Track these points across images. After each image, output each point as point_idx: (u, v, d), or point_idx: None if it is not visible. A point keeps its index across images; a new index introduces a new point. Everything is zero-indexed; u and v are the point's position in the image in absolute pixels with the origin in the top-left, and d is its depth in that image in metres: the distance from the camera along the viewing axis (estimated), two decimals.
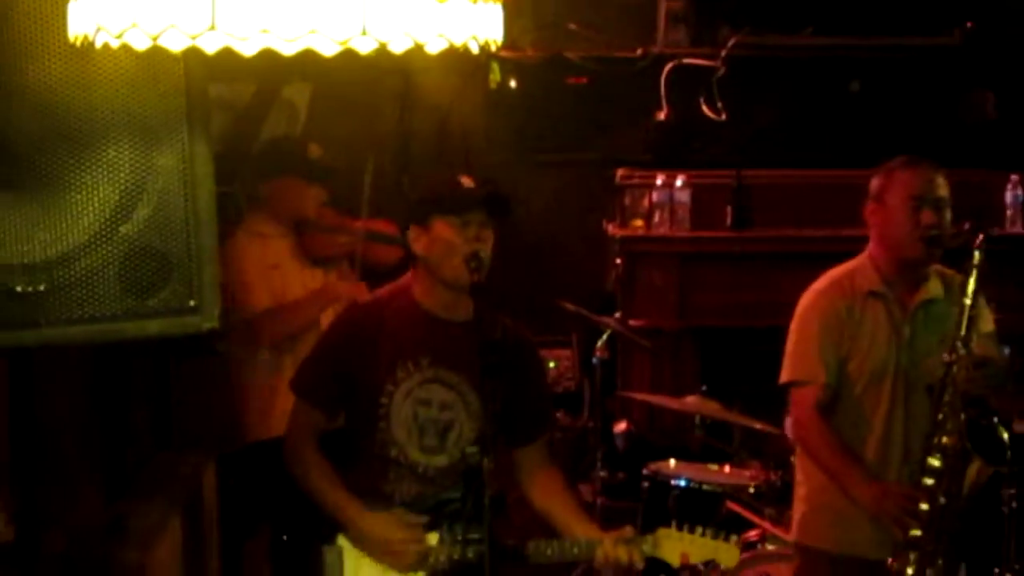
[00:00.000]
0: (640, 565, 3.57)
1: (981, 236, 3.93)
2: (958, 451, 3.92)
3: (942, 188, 4.04)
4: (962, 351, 3.90)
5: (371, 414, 3.63)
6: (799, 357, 4.10)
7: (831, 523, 4.12)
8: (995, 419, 3.98)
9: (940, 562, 3.94)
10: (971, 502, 4.00)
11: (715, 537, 3.64)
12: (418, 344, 3.65)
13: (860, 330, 4.05)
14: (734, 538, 3.70)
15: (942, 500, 3.92)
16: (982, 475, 3.98)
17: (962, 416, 3.90)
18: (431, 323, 3.67)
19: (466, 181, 3.64)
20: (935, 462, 3.92)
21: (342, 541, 3.63)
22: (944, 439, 3.92)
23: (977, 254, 3.92)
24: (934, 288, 4.10)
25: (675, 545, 3.60)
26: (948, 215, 4.02)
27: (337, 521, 3.63)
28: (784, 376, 4.15)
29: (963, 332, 3.90)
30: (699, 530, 3.61)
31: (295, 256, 5.15)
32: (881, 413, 4.05)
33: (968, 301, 3.92)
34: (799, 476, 4.24)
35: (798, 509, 4.24)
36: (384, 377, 3.63)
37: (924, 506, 3.90)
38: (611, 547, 3.52)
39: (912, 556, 3.93)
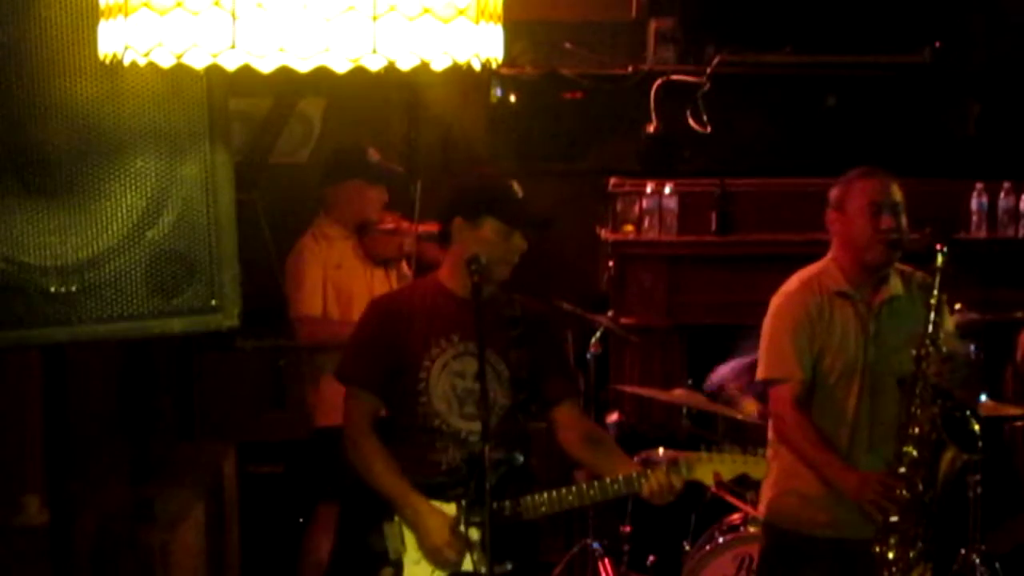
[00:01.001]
0: (679, 486, 3.59)
1: (942, 240, 3.94)
2: (932, 441, 3.91)
3: (897, 194, 4.04)
4: (931, 348, 3.90)
5: (412, 390, 3.65)
6: (775, 356, 4.08)
7: (798, 505, 4.10)
8: (967, 411, 3.98)
9: (920, 545, 3.94)
10: (947, 487, 4.01)
11: (743, 453, 3.67)
12: (447, 322, 3.68)
13: (830, 328, 4.04)
14: (761, 451, 3.71)
15: (920, 487, 3.91)
16: (956, 463, 3.99)
17: (936, 408, 3.91)
18: (457, 303, 3.70)
19: (518, 189, 3.69)
20: (911, 451, 3.91)
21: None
22: (917, 429, 3.92)
23: (940, 257, 3.93)
24: (895, 286, 4.10)
25: (706, 466, 3.63)
26: (904, 219, 4.02)
27: (392, 505, 3.63)
28: (761, 374, 4.13)
29: (931, 330, 3.91)
30: (727, 449, 3.63)
31: (357, 256, 5.21)
32: (851, 404, 4.04)
33: (934, 302, 3.93)
34: (771, 462, 4.21)
35: (766, 491, 4.23)
36: (420, 355, 3.65)
37: (903, 493, 3.89)
38: (661, 476, 3.56)
39: (893, 540, 3.92)
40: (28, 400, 3.43)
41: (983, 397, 4.76)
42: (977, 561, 4.82)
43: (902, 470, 3.91)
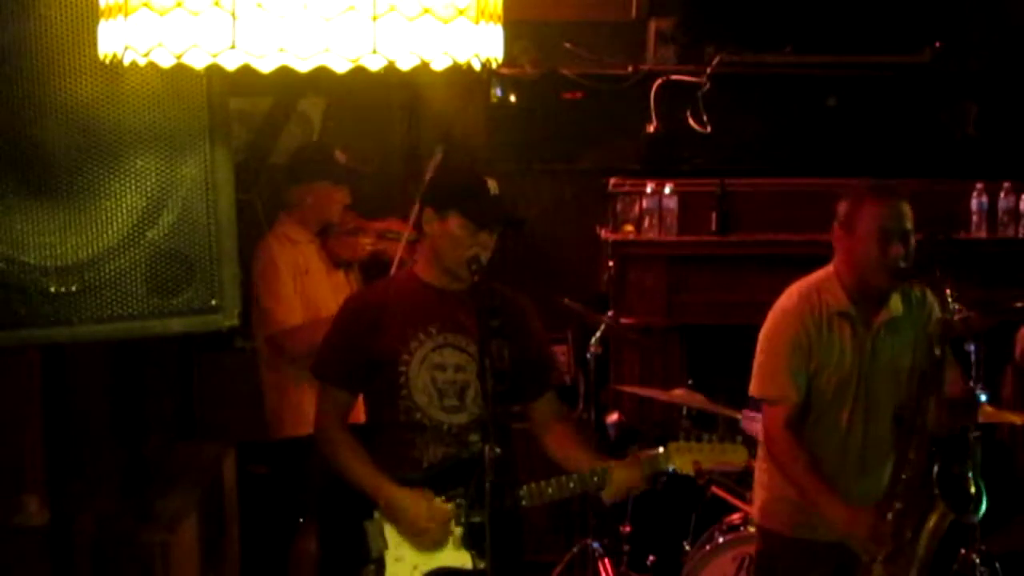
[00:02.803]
0: (644, 485, 3.65)
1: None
2: (923, 493, 3.81)
3: (908, 220, 3.94)
4: (929, 402, 3.81)
5: (392, 385, 3.64)
6: (770, 375, 4.03)
7: (792, 510, 4.08)
8: (967, 470, 3.89)
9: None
10: (931, 550, 3.86)
11: (722, 442, 3.68)
12: (425, 314, 3.67)
13: (829, 346, 3.99)
14: (739, 438, 3.72)
15: (908, 535, 3.82)
16: (943, 523, 3.85)
17: (935, 469, 3.80)
18: (434, 294, 3.70)
19: (492, 186, 3.64)
20: (899, 501, 3.82)
21: (379, 513, 3.65)
22: (908, 475, 3.83)
23: (947, 318, 3.82)
24: (895, 306, 4.04)
25: (686, 455, 3.67)
26: (913, 242, 3.94)
27: (369, 497, 3.64)
28: (755, 391, 4.08)
29: (936, 371, 3.81)
30: (706, 438, 3.63)
31: (321, 260, 5.11)
32: (844, 422, 4.00)
33: (938, 352, 3.82)
34: (762, 464, 4.20)
35: (760, 495, 4.20)
36: (399, 348, 3.64)
37: (890, 538, 3.81)
38: (623, 473, 3.61)
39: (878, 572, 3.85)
40: (28, 400, 3.43)
41: (983, 398, 4.74)
42: (977, 561, 4.81)
43: (890, 516, 3.83)
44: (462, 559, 3.62)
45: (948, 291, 3.84)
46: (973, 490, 3.88)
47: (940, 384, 3.84)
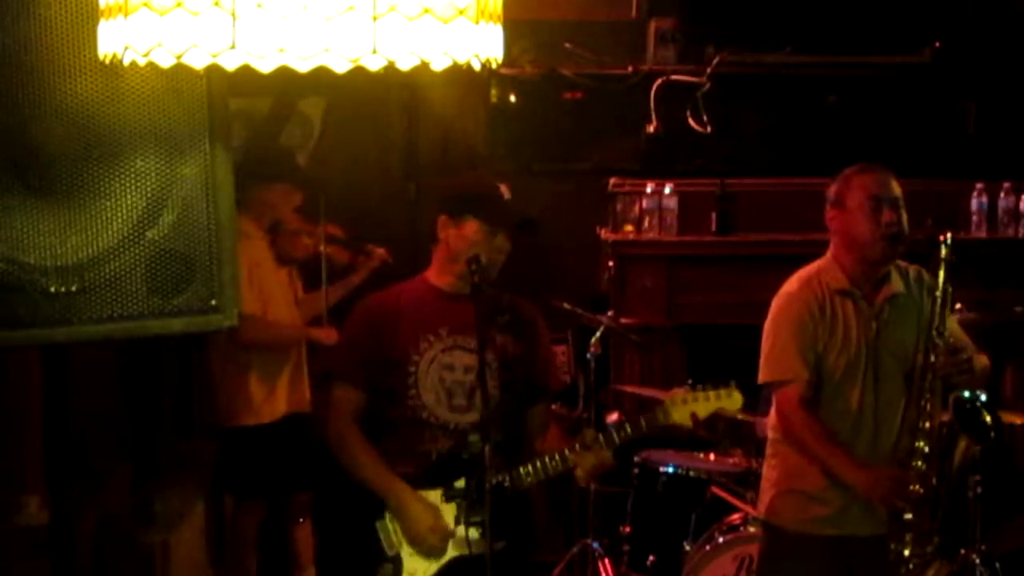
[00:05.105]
0: (610, 460, 3.68)
1: (947, 232, 3.94)
2: (945, 433, 3.91)
3: (896, 188, 4.03)
4: (938, 340, 3.90)
5: (402, 384, 3.70)
6: (779, 357, 4.05)
7: (799, 504, 4.09)
8: (978, 402, 3.97)
9: (936, 539, 3.94)
10: (961, 477, 4.01)
11: (715, 389, 3.74)
12: (435, 317, 3.73)
13: (833, 326, 4.03)
14: (733, 383, 3.75)
15: (933, 481, 3.91)
16: (969, 453, 3.99)
17: (950, 399, 3.90)
18: (444, 298, 3.76)
19: (505, 191, 3.72)
20: (923, 446, 3.91)
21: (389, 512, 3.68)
22: (928, 424, 3.91)
23: (944, 248, 3.92)
24: (896, 283, 4.09)
25: (682, 408, 3.73)
26: (904, 214, 4.02)
27: (379, 495, 3.68)
28: (764, 376, 4.10)
29: (937, 322, 3.90)
30: (700, 388, 3.72)
31: (269, 256, 5.27)
32: (855, 402, 4.02)
33: (939, 293, 3.92)
34: (771, 461, 4.21)
35: (767, 492, 4.22)
36: (409, 349, 3.71)
37: (916, 488, 3.89)
38: (578, 455, 3.64)
39: (908, 537, 3.92)
40: (28, 400, 3.43)
41: (983, 398, 4.75)
42: (977, 561, 4.81)
43: (917, 464, 3.90)
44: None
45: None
46: (988, 419, 3.96)
47: (944, 326, 3.90)
